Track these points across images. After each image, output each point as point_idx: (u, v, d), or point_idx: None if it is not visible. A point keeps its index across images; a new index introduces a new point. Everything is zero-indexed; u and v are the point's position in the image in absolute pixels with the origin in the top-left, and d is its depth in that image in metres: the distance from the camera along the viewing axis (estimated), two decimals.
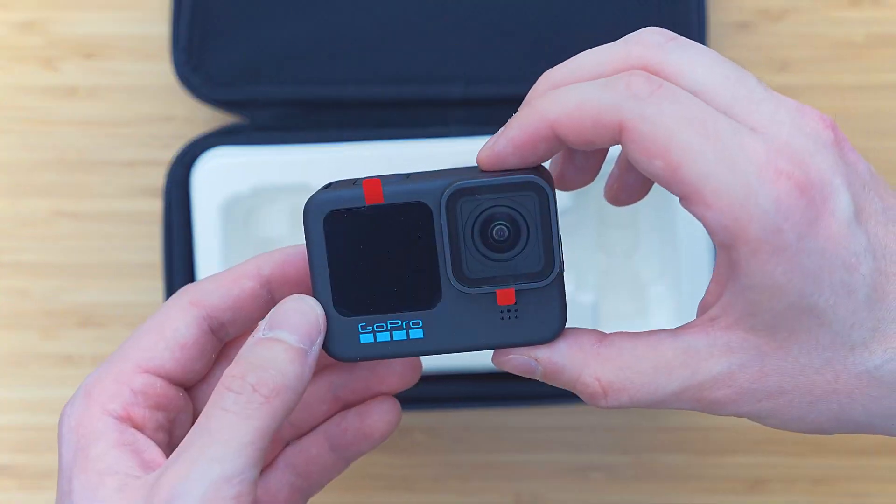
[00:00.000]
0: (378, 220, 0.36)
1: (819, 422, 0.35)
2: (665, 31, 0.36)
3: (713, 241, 0.34)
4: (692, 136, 0.32)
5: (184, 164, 0.56)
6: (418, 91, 0.57)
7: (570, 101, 0.34)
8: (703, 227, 0.33)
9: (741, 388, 0.34)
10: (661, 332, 0.36)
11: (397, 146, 0.55)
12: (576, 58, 0.36)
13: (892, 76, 0.59)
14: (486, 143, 0.36)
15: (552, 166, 0.41)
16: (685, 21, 0.56)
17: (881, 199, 0.34)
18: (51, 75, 0.60)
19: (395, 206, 0.36)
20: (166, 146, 0.59)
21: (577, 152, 0.40)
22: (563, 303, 0.36)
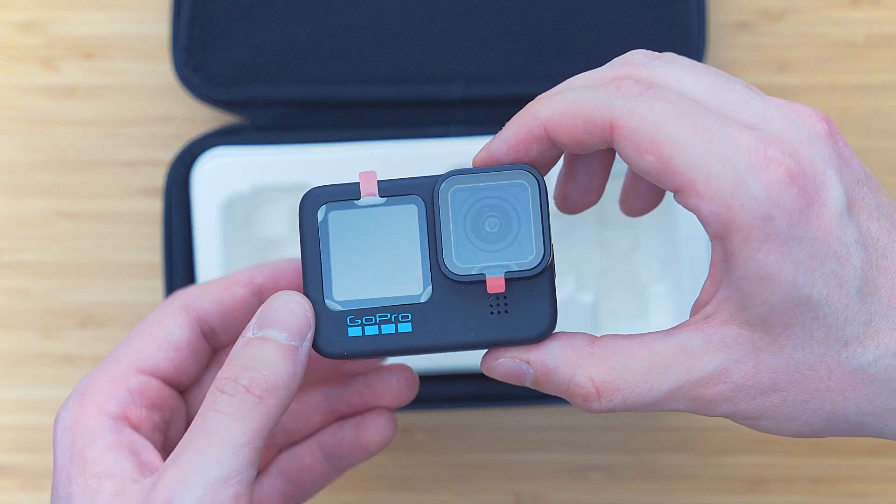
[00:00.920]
0: (373, 213, 0.36)
1: (812, 422, 0.35)
2: (650, 52, 0.36)
3: (708, 234, 0.34)
4: (681, 129, 0.33)
5: (184, 164, 0.56)
6: (418, 91, 0.57)
7: (562, 101, 0.35)
8: (698, 219, 0.33)
9: (736, 384, 0.34)
10: (655, 333, 0.36)
11: (397, 146, 0.55)
12: (566, 81, 0.37)
13: (891, 76, 0.59)
14: (484, 145, 0.37)
15: (555, 188, 0.41)
16: (685, 21, 0.56)
17: (874, 195, 0.35)
18: (51, 75, 0.60)
19: (389, 198, 0.36)
20: (166, 146, 0.59)
21: (579, 171, 0.40)
22: (554, 300, 0.36)
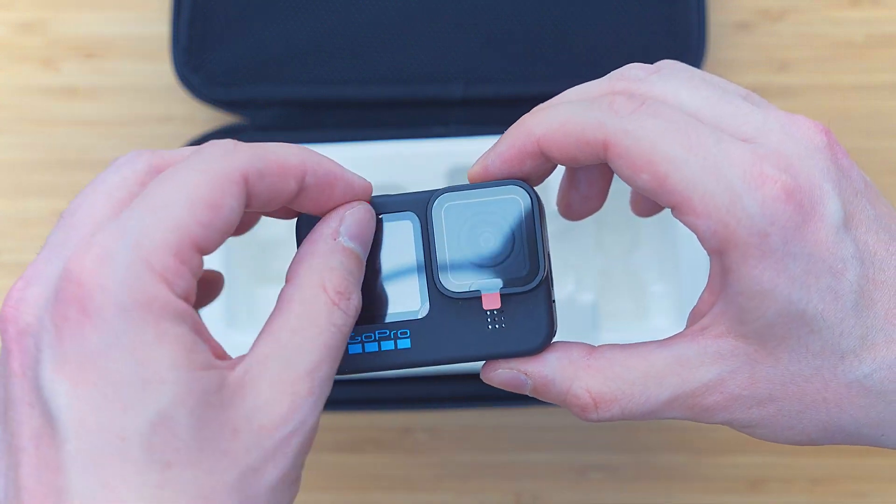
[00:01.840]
0: None
1: (808, 431, 0.35)
2: (647, 66, 0.36)
3: (706, 251, 0.34)
4: (675, 148, 0.32)
5: None
6: (418, 91, 0.57)
7: (556, 118, 0.35)
8: (696, 236, 0.33)
9: (731, 394, 0.34)
10: (651, 343, 0.36)
11: (397, 146, 0.55)
12: (561, 94, 0.37)
13: (891, 76, 0.59)
14: (478, 159, 0.37)
15: (558, 195, 0.41)
16: (685, 21, 0.56)
17: (873, 207, 0.34)
18: (51, 75, 0.60)
19: (385, 215, 0.36)
20: (166, 146, 0.59)
21: (580, 179, 0.40)
22: (551, 312, 0.36)
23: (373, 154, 0.55)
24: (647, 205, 0.43)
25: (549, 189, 0.46)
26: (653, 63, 0.36)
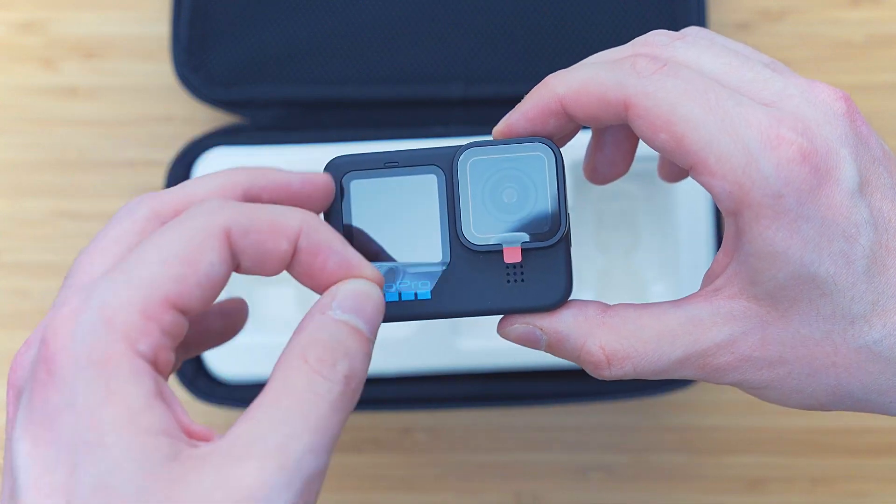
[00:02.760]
0: (393, 182, 0.37)
1: (816, 395, 0.35)
2: (671, 32, 0.37)
3: (721, 210, 0.34)
4: (694, 108, 0.33)
5: (184, 164, 0.56)
6: (418, 91, 0.57)
7: (578, 78, 0.35)
8: (712, 196, 0.34)
9: (742, 355, 0.35)
10: (665, 304, 0.36)
11: (397, 146, 0.55)
12: (585, 59, 0.37)
13: (891, 76, 0.59)
14: (503, 118, 0.38)
15: (584, 159, 0.42)
16: (685, 21, 0.56)
17: (890, 175, 0.35)
18: (51, 75, 0.60)
19: (410, 167, 0.37)
20: (166, 146, 0.59)
21: (606, 142, 0.40)
22: (569, 269, 0.37)
23: None
24: (673, 169, 0.43)
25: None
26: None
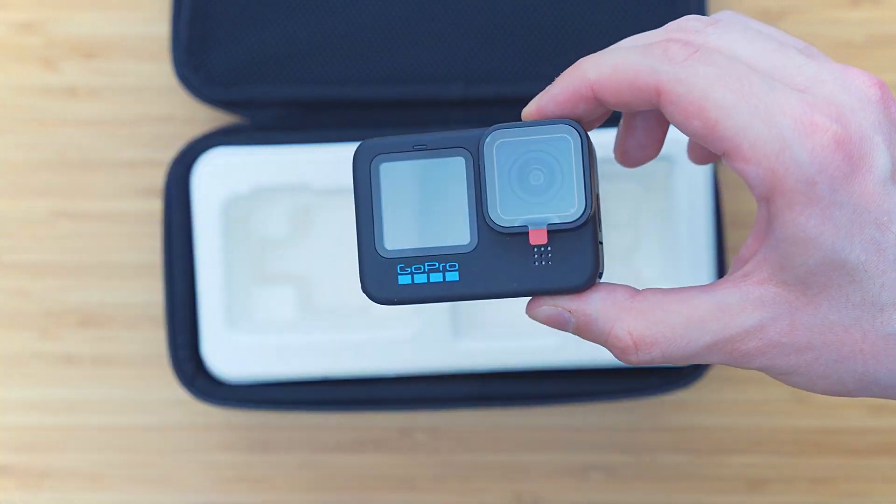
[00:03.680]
0: (422, 165, 0.38)
1: (843, 381, 0.35)
2: (704, 17, 0.37)
3: (754, 196, 0.34)
4: (727, 94, 0.33)
5: (184, 164, 0.56)
6: (418, 91, 0.57)
7: (610, 63, 0.35)
8: (745, 182, 0.34)
9: (771, 340, 0.35)
10: (694, 289, 0.36)
11: None
12: (617, 43, 0.37)
13: (892, 76, 0.59)
14: (532, 100, 0.38)
15: (615, 142, 0.42)
16: None
17: None
18: (51, 75, 0.60)
19: (438, 150, 0.37)
20: (166, 146, 0.59)
21: (637, 125, 0.40)
22: (597, 251, 0.37)
23: None
24: (703, 153, 0.43)
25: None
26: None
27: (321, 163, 0.55)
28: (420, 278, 0.37)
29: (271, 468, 0.60)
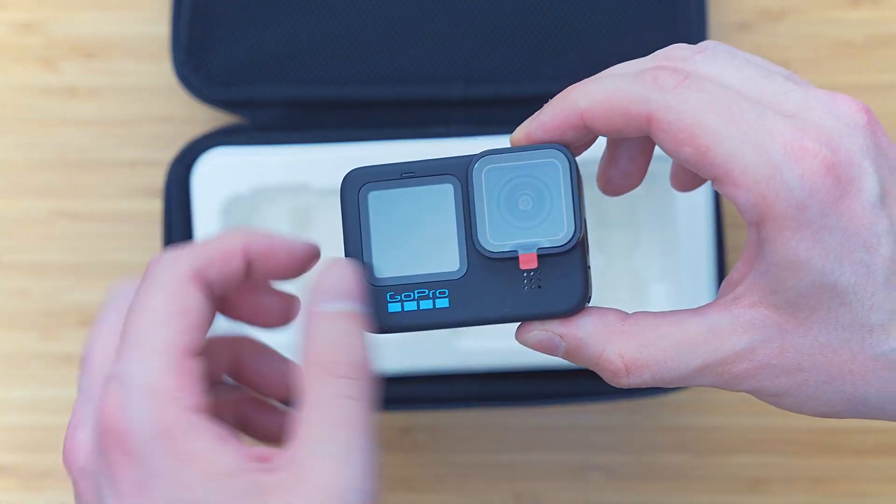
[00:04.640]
0: (410, 192, 0.38)
1: (833, 402, 0.35)
2: (691, 45, 0.37)
3: (745, 220, 0.34)
4: (717, 121, 0.33)
5: (184, 164, 0.56)
6: (418, 91, 0.57)
7: (600, 91, 0.35)
8: (736, 207, 0.34)
9: (761, 363, 0.35)
10: (685, 312, 0.36)
11: (397, 146, 0.55)
12: (606, 70, 0.38)
13: (891, 76, 0.59)
14: (521, 125, 0.38)
15: (598, 171, 0.42)
16: (685, 21, 0.56)
17: None
18: (51, 75, 0.60)
19: (426, 177, 0.38)
20: (166, 146, 0.59)
21: (621, 155, 0.41)
22: (586, 274, 0.37)
23: (373, 154, 0.55)
24: (687, 179, 0.43)
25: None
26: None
27: (321, 163, 0.55)
28: (410, 306, 0.37)
29: None
